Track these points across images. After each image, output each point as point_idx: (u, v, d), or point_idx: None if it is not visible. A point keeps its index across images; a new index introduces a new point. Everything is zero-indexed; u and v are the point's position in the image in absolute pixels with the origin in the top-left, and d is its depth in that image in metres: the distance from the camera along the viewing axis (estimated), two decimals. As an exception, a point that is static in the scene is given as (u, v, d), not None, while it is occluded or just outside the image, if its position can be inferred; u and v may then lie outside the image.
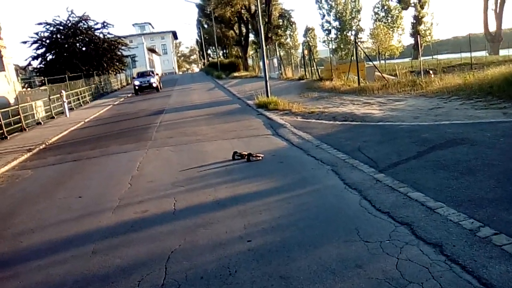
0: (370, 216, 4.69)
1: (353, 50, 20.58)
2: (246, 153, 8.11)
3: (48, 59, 35.45)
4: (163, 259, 4.19)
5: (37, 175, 9.22)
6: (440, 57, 50.92)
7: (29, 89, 27.17)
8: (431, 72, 22.45)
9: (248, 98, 19.79)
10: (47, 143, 13.62)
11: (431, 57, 51.66)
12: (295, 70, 29.62)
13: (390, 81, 18.14)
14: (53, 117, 21.47)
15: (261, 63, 35.93)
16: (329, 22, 74.19)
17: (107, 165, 9.24)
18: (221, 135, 11.20)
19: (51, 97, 22.00)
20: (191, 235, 4.70)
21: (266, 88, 17.14)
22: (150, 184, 7.09)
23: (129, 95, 32.73)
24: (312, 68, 24.51)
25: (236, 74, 39.36)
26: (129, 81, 50.93)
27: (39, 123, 19.55)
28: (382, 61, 49.03)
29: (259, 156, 7.96)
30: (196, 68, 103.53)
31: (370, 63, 22.94)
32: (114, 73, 42.55)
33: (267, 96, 16.87)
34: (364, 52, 24.42)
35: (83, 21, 37.23)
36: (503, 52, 50.44)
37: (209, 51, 77.01)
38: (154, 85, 31.70)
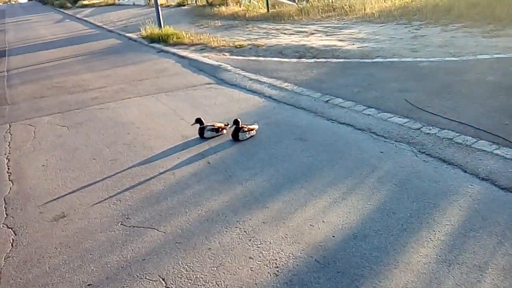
0: None
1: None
2: (223, 125, 4.54)
3: None
4: None
5: None
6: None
7: None
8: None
9: (124, 30, 15.14)
10: None
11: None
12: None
13: (303, 6, 15.27)
14: None
15: (118, -12, 29.69)
16: None
17: None
18: (130, 88, 7.12)
19: None
20: None
21: (157, 15, 12.80)
22: (65, 239, 3.12)
23: None
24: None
25: (85, 2, 32.23)
26: None
27: None
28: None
29: (252, 129, 4.45)
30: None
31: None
32: None
33: (160, 26, 12.60)
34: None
35: None
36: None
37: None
38: None
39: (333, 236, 2.68)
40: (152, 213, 3.14)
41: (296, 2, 17.63)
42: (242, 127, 4.36)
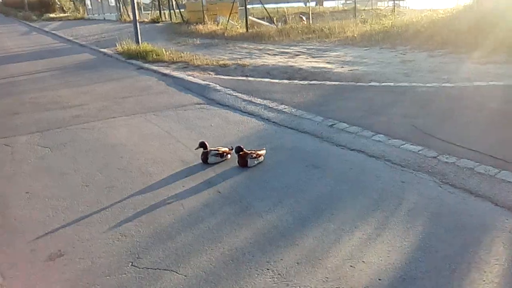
0: None
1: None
2: (227, 149, 4.25)
3: None
4: None
5: None
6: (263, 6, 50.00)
7: None
8: (304, 18, 20.50)
9: (97, 45, 14.64)
10: None
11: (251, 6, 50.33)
12: (140, 12, 24.32)
13: (283, 27, 15.30)
14: None
15: (88, 2, 29.09)
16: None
17: None
18: (114, 106, 6.71)
19: None
20: None
21: (135, 31, 12.43)
22: None
23: None
24: (172, 10, 19.94)
25: (52, 15, 31.35)
26: None
27: None
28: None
29: (260, 155, 4.16)
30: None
31: (243, 7, 19.64)
32: None
33: (137, 42, 12.23)
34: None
35: None
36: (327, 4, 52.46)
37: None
38: None
39: (380, 280, 2.41)
40: (166, 251, 2.77)
41: (275, 23, 17.74)
42: (251, 152, 4.07)
